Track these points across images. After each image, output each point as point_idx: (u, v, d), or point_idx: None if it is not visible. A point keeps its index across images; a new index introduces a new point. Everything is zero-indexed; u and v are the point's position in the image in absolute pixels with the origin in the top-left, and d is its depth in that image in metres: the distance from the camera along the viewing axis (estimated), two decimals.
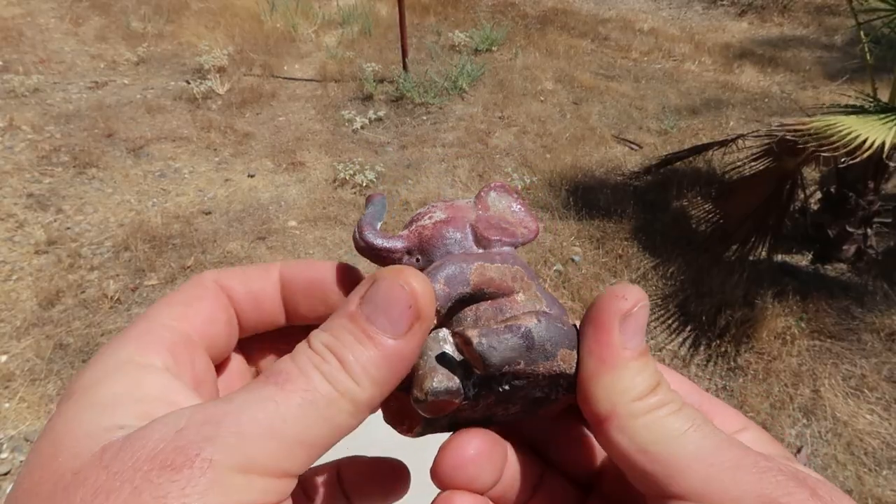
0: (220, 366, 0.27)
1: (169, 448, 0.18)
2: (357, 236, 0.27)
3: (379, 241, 0.27)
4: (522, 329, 0.23)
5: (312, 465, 0.22)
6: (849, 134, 2.00)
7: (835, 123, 2.07)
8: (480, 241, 0.26)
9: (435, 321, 0.24)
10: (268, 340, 0.29)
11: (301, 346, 0.22)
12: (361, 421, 0.22)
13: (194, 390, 0.23)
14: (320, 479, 0.29)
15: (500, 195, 0.29)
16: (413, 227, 0.27)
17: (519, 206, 0.29)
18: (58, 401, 0.22)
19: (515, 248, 0.27)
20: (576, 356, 0.24)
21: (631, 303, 0.23)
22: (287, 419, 0.20)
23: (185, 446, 0.18)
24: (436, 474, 0.24)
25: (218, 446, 0.18)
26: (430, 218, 0.27)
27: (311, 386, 0.20)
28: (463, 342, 0.23)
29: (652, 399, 0.23)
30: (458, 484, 0.24)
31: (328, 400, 0.20)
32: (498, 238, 0.26)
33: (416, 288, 0.22)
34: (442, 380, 0.23)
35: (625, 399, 0.23)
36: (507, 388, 0.24)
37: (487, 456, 0.24)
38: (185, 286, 0.26)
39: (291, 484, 0.20)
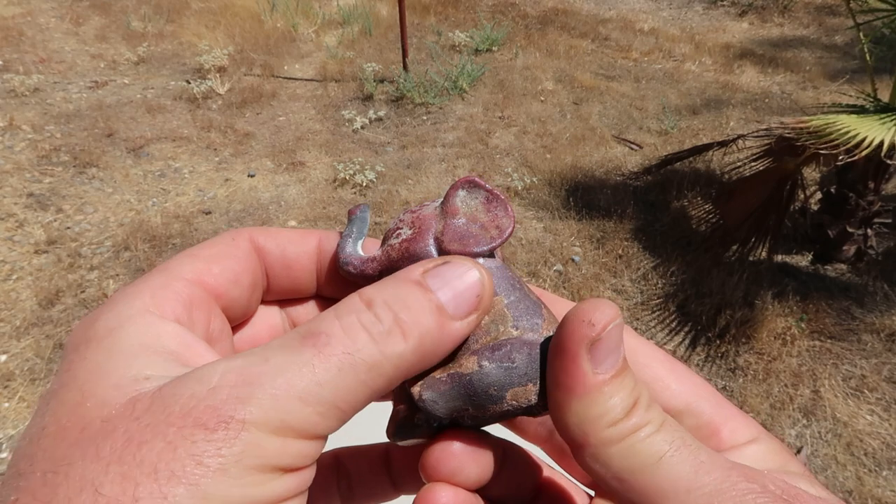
0: (242, 322, 0.27)
1: (202, 406, 0.18)
2: (338, 258, 0.27)
3: (355, 264, 0.26)
4: (463, 379, 0.23)
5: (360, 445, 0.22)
6: (848, 132, 2.00)
7: (834, 122, 2.07)
8: (445, 255, 0.25)
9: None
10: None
11: (350, 303, 0.21)
12: (394, 386, 0.22)
13: (209, 347, 0.23)
14: (365, 463, 0.29)
15: (471, 192, 0.26)
16: (384, 247, 0.26)
17: (493, 201, 0.26)
18: (68, 342, 0.21)
19: (488, 254, 0.25)
20: (535, 388, 0.23)
21: (599, 327, 0.22)
22: (324, 384, 0.19)
23: (218, 406, 0.18)
24: (422, 467, 0.24)
25: (253, 408, 0.18)
26: (397, 236, 0.26)
27: (355, 348, 0.20)
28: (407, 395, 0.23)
29: (627, 423, 0.21)
30: (441, 476, 0.24)
31: (370, 364, 0.20)
32: (461, 250, 0.25)
33: (486, 280, 0.23)
34: (403, 423, 0.24)
35: (598, 427, 0.21)
36: (469, 422, 0.24)
37: (472, 453, 0.24)
38: (217, 239, 0.26)
39: (322, 445, 0.20)
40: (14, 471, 0.18)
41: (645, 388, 0.23)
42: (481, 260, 0.25)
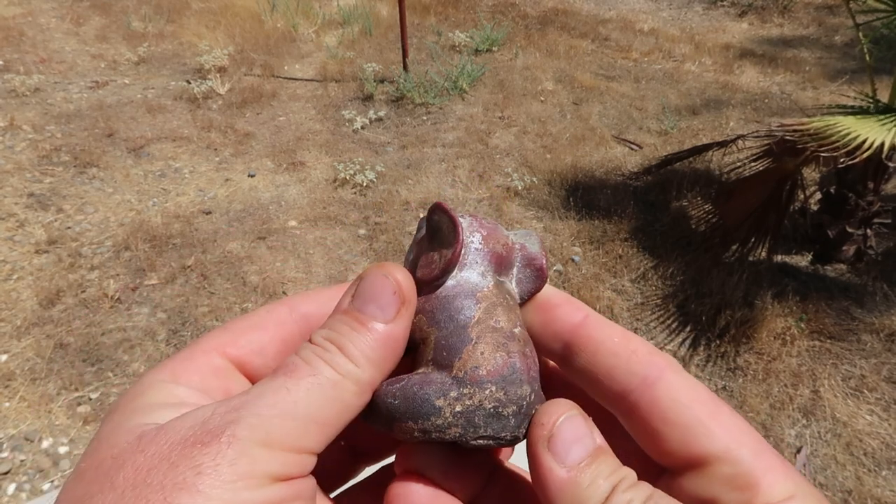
0: None
1: (199, 431, 0.21)
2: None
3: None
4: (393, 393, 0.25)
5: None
6: (848, 134, 2.01)
7: (834, 124, 2.07)
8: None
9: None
10: None
11: (304, 343, 0.24)
12: (366, 401, 0.24)
13: None
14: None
15: (439, 217, 0.27)
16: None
17: (452, 224, 0.26)
18: (102, 419, 0.26)
19: (440, 278, 0.26)
20: (416, 426, 0.24)
21: (549, 424, 0.23)
22: (298, 401, 0.22)
23: (212, 428, 0.21)
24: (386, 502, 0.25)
25: (241, 426, 0.21)
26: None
27: (317, 371, 0.23)
28: None
29: None
30: None
31: (332, 382, 0.23)
32: (421, 278, 0.26)
33: (399, 277, 0.25)
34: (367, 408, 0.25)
35: None
36: (418, 436, 0.25)
37: (436, 497, 0.25)
38: (255, 312, 0.28)
39: (311, 460, 0.22)
40: None
41: (628, 470, 0.23)
42: (451, 282, 0.26)
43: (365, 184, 3.05)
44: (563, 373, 0.28)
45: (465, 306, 0.25)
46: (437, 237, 0.27)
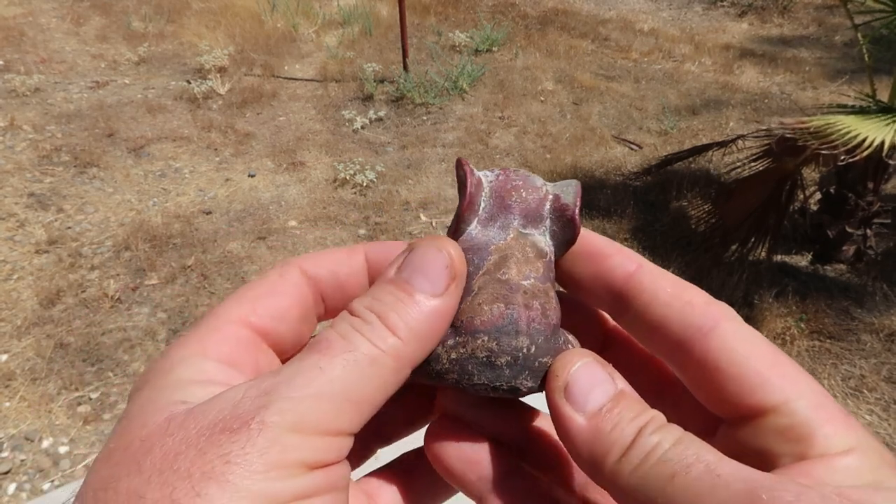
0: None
1: (228, 416, 0.20)
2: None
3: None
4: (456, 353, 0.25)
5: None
6: (848, 132, 2.01)
7: (834, 122, 2.08)
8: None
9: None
10: None
11: (341, 315, 0.23)
12: (405, 378, 0.23)
13: None
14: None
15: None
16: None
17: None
18: (129, 393, 0.24)
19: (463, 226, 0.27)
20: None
21: (564, 374, 0.23)
22: (333, 380, 0.21)
23: (241, 413, 0.20)
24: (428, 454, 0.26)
25: (271, 410, 0.20)
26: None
27: (353, 347, 0.22)
28: None
29: (634, 451, 0.21)
30: (450, 476, 0.25)
31: (370, 358, 0.22)
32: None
33: (451, 251, 0.24)
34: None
35: (605, 463, 0.21)
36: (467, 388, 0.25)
37: (469, 454, 0.25)
38: (265, 276, 0.26)
39: (347, 442, 0.21)
40: (75, 497, 0.20)
41: (656, 412, 0.22)
42: (473, 234, 0.26)
43: (365, 184, 3.05)
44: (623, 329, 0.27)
45: (475, 259, 0.26)
46: (460, 193, 0.27)
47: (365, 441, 0.29)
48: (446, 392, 0.27)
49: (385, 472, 0.28)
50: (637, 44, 4.84)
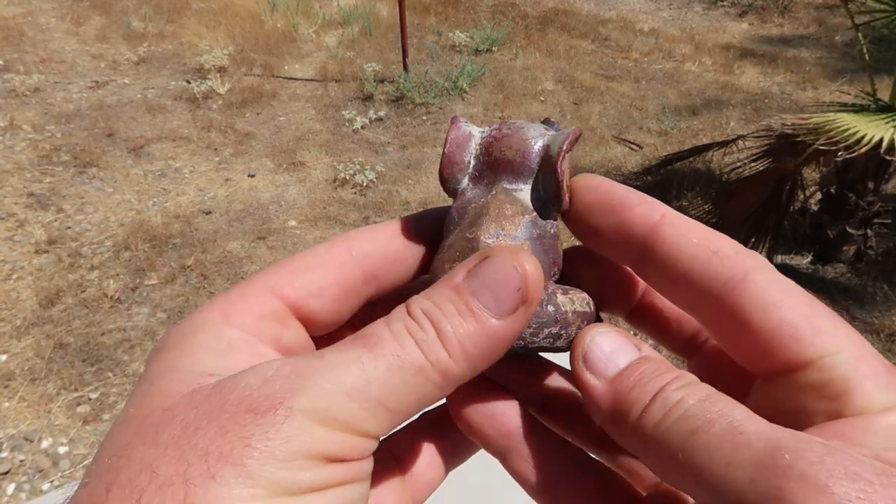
0: (335, 333, 0.26)
1: (255, 395, 0.19)
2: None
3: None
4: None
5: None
6: (848, 130, 2.01)
7: (834, 119, 2.08)
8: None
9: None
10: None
11: (398, 311, 0.22)
12: (447, 394, 0.22)
13: (276, 353, 0.23)
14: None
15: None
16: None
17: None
18: (151, 351, 0.24)
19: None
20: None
21: (582, 343, 0.23)
22: (371, 381, 0.20)
23: (270, 394, 0.19)
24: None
25: (301, 398, 0.19)
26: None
27: (402, 351, 0.20)
28: None
29: (654, 407, 0.20)
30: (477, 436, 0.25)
31: (417, 367, 0.20)
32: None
33: (529, 271, 0.22)
34: None
35: (627, 422, 0.21)
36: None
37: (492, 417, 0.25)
38: (312, 250, 0.26)
39: (372, 444, 0.20)
40: (92, 458, 0.20)
41: (684, 372, 0.21)
42: (467, 195, 0.26)
43: (365, 184, 3.05)
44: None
45: (453, 219, 0.25)
46: None
47: None
48: None
49: (409, 432, 0.28)
50: (637, 44, 4.84)
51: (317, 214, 2.89)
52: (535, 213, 0.25)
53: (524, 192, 0.26)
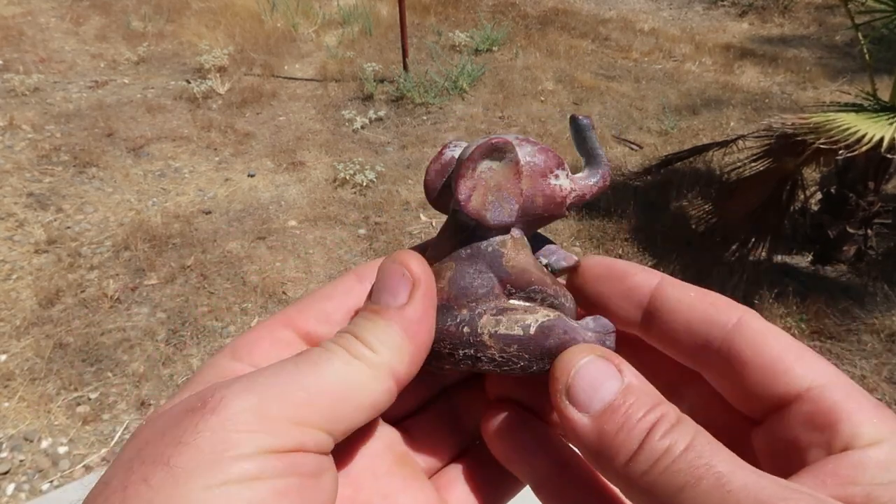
0: None
1: (194, 398, 0.20)
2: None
3: None
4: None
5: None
6: (848, 129, 2.00)
7: (834, 119, 2.08)
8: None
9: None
10: None
11: (327, 339, 0.24)
12: (389, 386, 0.23)
13: None
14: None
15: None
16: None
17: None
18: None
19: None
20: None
21: (565, 376, 0.23)
22: (306, 375, 0.21)
23: (205, 392, 0.20)
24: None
25: (233, 390, 0.20)
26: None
27: (332, 355, 0.22)
28: None
29: (641, 457, 0.20)
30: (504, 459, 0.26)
31: (345, 361, 0.22)
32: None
33: (407, 260, 0.25)
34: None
35: (613, 465, 0.21)
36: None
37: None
38: (329, 283, 0.28)
39: (315, 437, 0.21)
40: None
41: (668, 408, 0.21)
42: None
43: (365, 184, 3.04)
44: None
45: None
46: None
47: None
48: (504, 381, 0.27)
49: (454, 465, 0.28)
50: (637, 43, 4.84)
51: (317, 214, 2.88)
52: (469, 233, 0.26)
53: (461, 213, 0.26)
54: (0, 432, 1.86)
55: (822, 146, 2.02)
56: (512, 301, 0.26)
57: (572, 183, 0.28)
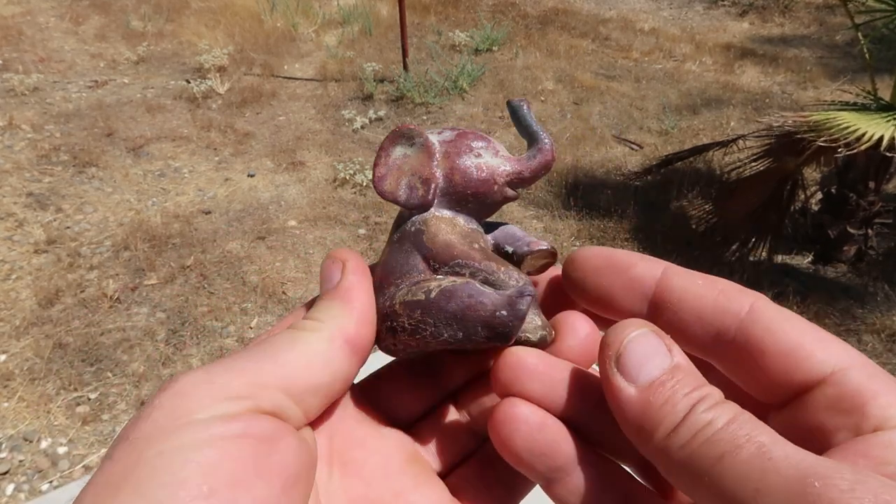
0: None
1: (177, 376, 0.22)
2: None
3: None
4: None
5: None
6: (848, 127, 2.00)
7: (834, 117, 2.07)
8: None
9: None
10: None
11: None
12: (339, 346, 0.25)
13: None
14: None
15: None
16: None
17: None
18: None
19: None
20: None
21: (616, 344, 0.22)
22: (246, 352, 0.23)
23: (179, 374, 0.22)
24: (496, 377, 0.26)
25: (185, 372, 0.22)
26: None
27: (281, 335, 0.25)
28: None
29: (684, 427, 0.20)
30: (516, 388, 0.25)
31: (292, 331, 0.25)
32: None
33: (335, 251, 0.28)
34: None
35: (654, 436, 0.21)
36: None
37: (546, 370, 0.25)
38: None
39: (259, 398, 0.22)
40: None
41: (713, 389, 0.21)
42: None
43: (365, 183, 3.04)
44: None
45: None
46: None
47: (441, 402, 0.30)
48: (502, 367, 0.26)
49: (466, 465, 0.28)
50: (637, 43, 4.83)
51: (317, 214, 2.88)
52: (402, 220, 0.29)
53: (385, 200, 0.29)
54: (0, 432, 1.85)
55: (822, 145, 2.02)
56: (437, 276, 0.27)
57: (504, 162, 0.28)
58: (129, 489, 0.19)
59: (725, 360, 0.23)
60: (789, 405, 0.22)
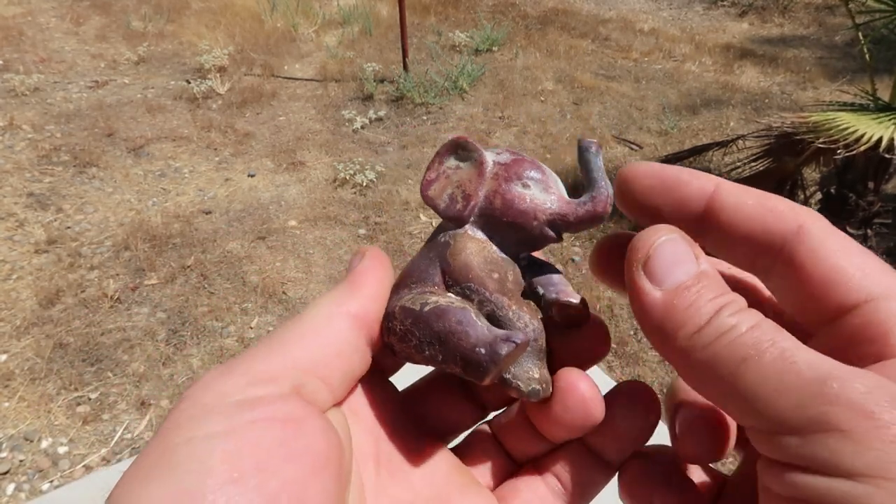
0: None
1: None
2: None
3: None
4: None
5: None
6: (847, 128, 2.00)
7: (834, 118, 2.08)
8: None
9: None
10: None
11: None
12: (345, 320, 0.25)
13: None
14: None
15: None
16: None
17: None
18: None
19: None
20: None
21: (645, 247, 0.23)
22: (259, 343, 0.24)
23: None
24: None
25: (207, 371, 0.23)
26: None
27: (286, 321, 0.25)
28: None
29: (707, 330, 0.20)
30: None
31: (298, 318, 0.25)
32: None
33: (362, 248, 0.28)
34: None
35: (677, 338, 0.21)
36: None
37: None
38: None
39: (278, 382, 0.23)
40: None
41: (738, 297, 0.21)
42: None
43: (365, 184, 3.04)
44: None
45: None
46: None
47: (478, 412, 0.31)
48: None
49: (518, 476, 0.29)
50: (637, 44, 4.84)
51: (317, 214, 2.88)
52: (440, 228, 0.29)
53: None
54: (0, 432, 1.86)
55: (821, 146, 2.02)
56: (448, 294, 0.26)
57: (552, 200, 0.28)
58: (159, 477, 0.19)
59: (771, 277, 0.24)
60: (824, 329, 0.22)
